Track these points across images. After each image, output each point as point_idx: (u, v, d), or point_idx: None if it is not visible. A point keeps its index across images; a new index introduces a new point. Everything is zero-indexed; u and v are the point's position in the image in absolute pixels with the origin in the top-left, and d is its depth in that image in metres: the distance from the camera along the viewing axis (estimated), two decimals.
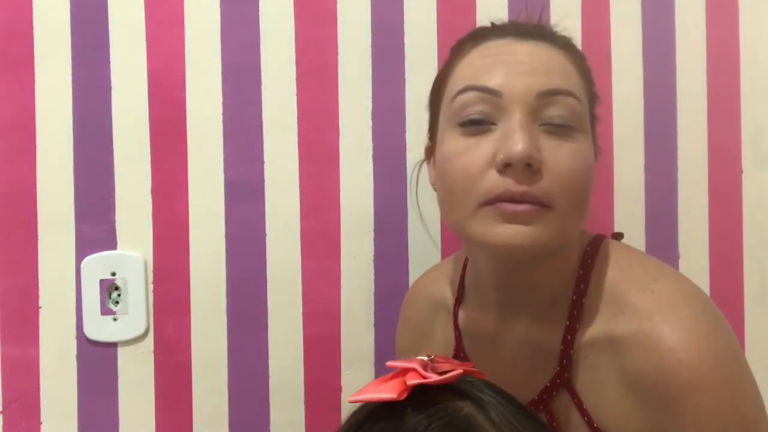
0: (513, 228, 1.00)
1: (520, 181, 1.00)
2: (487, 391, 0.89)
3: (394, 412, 0.87)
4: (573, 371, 1.09)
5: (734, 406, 1.02)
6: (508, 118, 1.02)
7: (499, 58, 1.06)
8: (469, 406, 0.88)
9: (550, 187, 1.00)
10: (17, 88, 1.44)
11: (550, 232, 1.00)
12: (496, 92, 1.03)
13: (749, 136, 1.52)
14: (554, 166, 1.00)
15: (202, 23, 1.46)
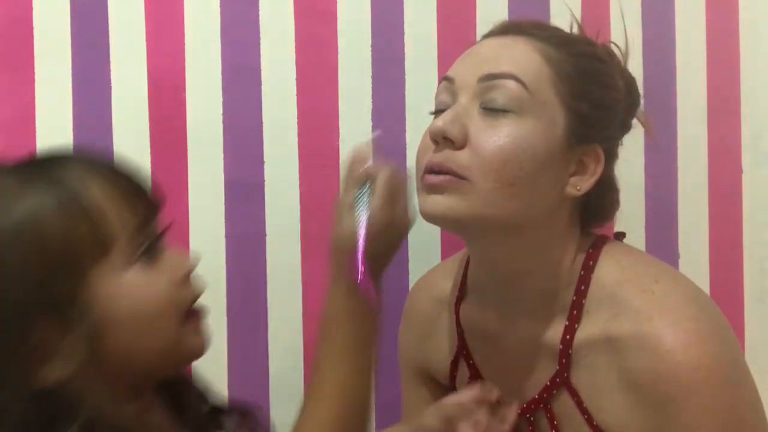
0: (431, 198, 1.06)
1: (438, 152, 1.07)
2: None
3: None
4: (572, 370, 1.10)
5: (733, 408, 1.02)
6: (457, 101, 1.09)
7: (467, 53, 1.14)
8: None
9: (467, 161, 1.05)
10: (17, 88, 1.44)
11: (467, 203, 1.05)
12: (450, 79, 1.12)
13: (749, 136, 1.52)
14: (479, 143, 1.05)
15: (202, 23, 1.46)
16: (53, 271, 0.80)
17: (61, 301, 0.80)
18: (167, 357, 0.87)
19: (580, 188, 1.10)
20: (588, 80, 1.10)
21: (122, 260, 0.84)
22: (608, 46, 1.18)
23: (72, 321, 0.80)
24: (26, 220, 0.81)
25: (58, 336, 0.80)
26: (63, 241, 0.81)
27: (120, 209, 0.84)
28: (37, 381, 0.79)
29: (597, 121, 1.10)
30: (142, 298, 0.84)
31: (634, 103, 1.19)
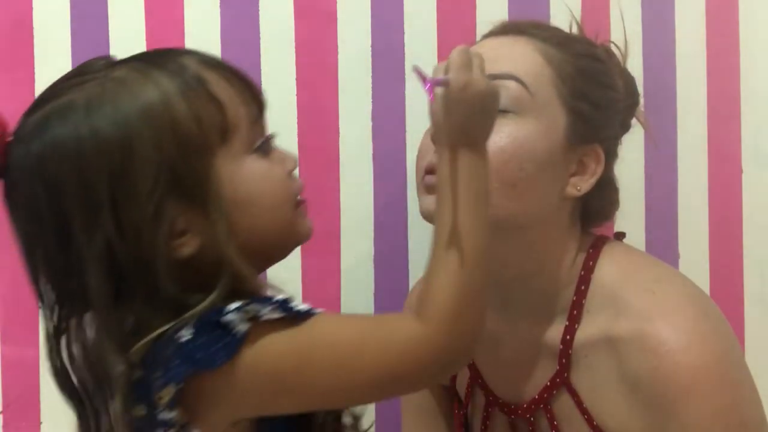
0: (431, 197, 1.05)
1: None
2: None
3: None
4: (573, 371, 1.10)
5: (733, 409, 1.02)
6: None
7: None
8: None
9: None
10: (17, 88, 1.44)
11: None
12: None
13: (749, 136, 1.52)
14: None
15: (202, 23, 1.46)
16: (184, 152, 0.84)
17: (192, 181, 0.85)
18: (283, 238, 0.93)
19: (581, 188, 1.10)
20: (588, 80, 1.10)
21: (242, 148, 0.88)
22: (608, 46, 1.18)
23: (203, 201, 0.85)
24: (155, 103, 0.85)
25: (189, 215, 0.85)
26: (192, 124, 0.85)
27: (237, 101, 0.89)
28: (175, 255, 0.85)
29: (597, 121, 1.10)
30: (262, 181, 0.89)
31: (634, 102, 1.19)
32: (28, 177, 0.86)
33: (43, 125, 0.86)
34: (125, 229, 0.83)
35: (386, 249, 1.48)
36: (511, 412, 1.16)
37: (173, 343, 0.82)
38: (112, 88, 0.86)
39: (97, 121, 0.84)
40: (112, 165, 0.83)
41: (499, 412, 1.18)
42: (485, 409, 1.19)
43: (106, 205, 0.83)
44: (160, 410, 0.82)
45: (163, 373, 0.82)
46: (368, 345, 0.85)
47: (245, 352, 0.82)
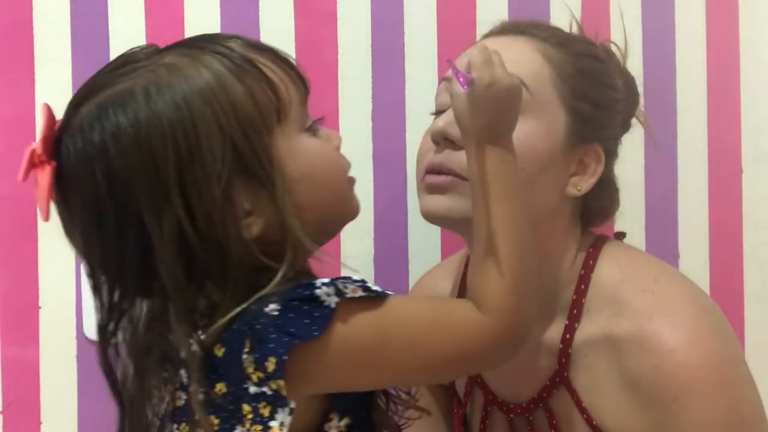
0: (432, 197, 1.07)
1: (439, 152, 1.07)
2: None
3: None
4: (572, 370, 1.10)
5: (733, 408, 1.02)
6: None
7: (467, 53, 1.11)
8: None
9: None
10: (17, 88, 1.44)
11: (467, 202, 1.03)
12: (450, 80, 1.07)
13: (749, 136, 1.52)
14: None
15: (202, 23, 1.46)
16: (245, 132, 0.86)
17: (255, 160, 0.86)
18: (339, 213, 0.95)
19: (581, 188, 1.10)
20: (588, 80, 1.10)
21: (296, 127, 0.90)
22: (607, 46, 1.18)
23: (266, 180, 0.87)
24: (212, 85, 0.86)
25: (254, 195, 0.87)
26: (249, 103, 0.87)
27: (287, 82, 0.91)
28: (243, 236, 0.86)
29: (597, 120, 1.10)
30: (318, 158, 0.91)
31: (634, 102, 1.19)
32: (87, 167, 0.86)
33: (101, 115, 0.86)
34: (196, 211, 0.85)
35: (386, 249, 1.48)
36: (510, 411, 1.16)
37: (264, 318, 0.83)
38: (165, 73, 0.87)
39: (158, 106, 0.85)
40: (179, 148, 0.84)
41: (497, 411, 1.18)
42: (484, 408, 1.19)
43: (174, 188, 0.84)
44: (250, 385, 0.83)
45: (258, 347, 0.83)
46: (440, 326, 0.89)
47: (335, 325, 0.84)
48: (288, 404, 0.83)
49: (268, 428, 0.84)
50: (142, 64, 0.89)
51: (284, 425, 0.83)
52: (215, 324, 0.84)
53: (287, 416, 0.84)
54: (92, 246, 0.89)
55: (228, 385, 0.85)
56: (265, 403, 0.84)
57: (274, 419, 0.83)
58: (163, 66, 0.88)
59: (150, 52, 0.91)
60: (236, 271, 0.85)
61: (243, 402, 0.84)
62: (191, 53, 0.89)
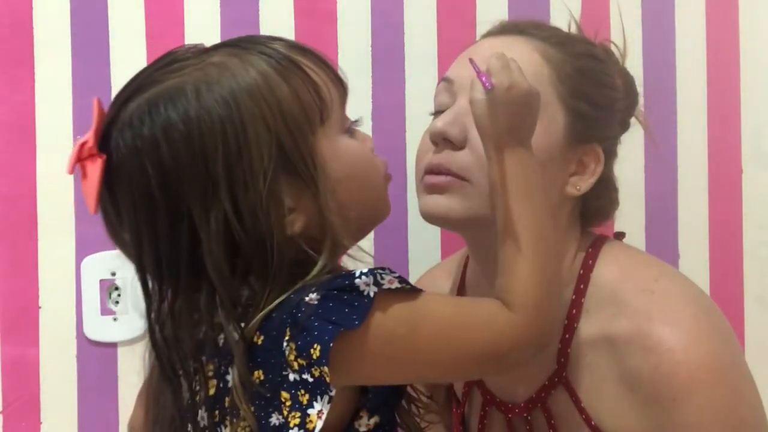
0: (432, 198, 1.07)
1: (438, 153, 1.07)
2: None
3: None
4: (571, 370, 1.10)
5: (733, 408, 1.02)
6: (456, 102, 1.09)
7: (466, 52, 1.14)
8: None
9: (468, 162, 1.05)
10: (17, 88, 1.44)
11: (467, 203, 1.05)
12: (449, 80, 1.12)
13: (749, 136, 1.52)
14: (477, 143, 1.03)
15: (202, 23, 1.46)
16: (290, 130, 0.89)
17: (300, 158, 0.89)
18: (376, 212, 0.98)
19: (580, 188, 1.10)
20: (587, 80, 1.10)
21: (337, 128, 0.93)
22: (606, 46, 1.18)
23: (310, 178, 0.89)
24: (260, 84, 0.89)
25: (297, 193, 0.89)
26: (294, 103, 0.89)
27: (329, 83, 0.93)
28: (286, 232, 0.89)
29: (596, 120, 1.10)
30: (357, 158, 0.94)
31: (633, 101, 1.19)
32: (138, 161, 0.88)
33: (152, 110, 0.88)
34: (241, 207, 0.87)
35: (386, 249, 1.48)
36: (509, 411, 1.16)
37: (305, 306, 0.85)
38: (214, 72, 0.89)
39: (207, 102, 0.88)
40: (227, 144, 0.87)
41: (496, 411, 1.17)
42: (482, 408, 1.19)
43: (222, 183, 0.86)
44: (290, 372, 0.85)
45: (300, 335, 0.84)
46: (470, 323, 0.91)
47: (374, 315, 0.86)
48: (328, 392, 0.85)
49: (306, 415, 0.85)
50: (190, 63, 0.91)
51: (322, 413, 0.85)
52: (257, 314, 0.87)
53: (326, 404, 0.85)
54: (142, 241, 0.91)
55: (266, 373, 0.86)
56: (304, 390, 0.85)
57: (312, 407, 0.85)
58: (211, 64, 0.90)
59: (197, 51, 0.93)
60: (277, 264, 0.88)
61: (281, 389, 0.86)
62: (238, 53, 0.92)
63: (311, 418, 0.85)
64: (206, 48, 0.94)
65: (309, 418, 0.85)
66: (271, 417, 0.87)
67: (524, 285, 0.92)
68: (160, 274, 0.91)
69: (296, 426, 0.85)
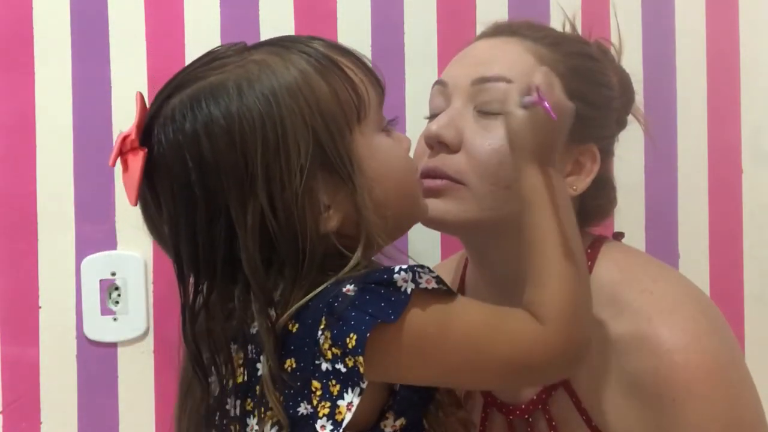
0: (429, 202, 1.06)
1: (433, 156, 1.08)
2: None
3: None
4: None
5: (732, 409, 1.02)
6: (451, 105, 1.09)
7: (460, 55, 1.15)
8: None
9: (463, 165, 1.06)
10: (17, 88, 1.44)
11: (462, 207, 1.06)
12: (443, 83, 1.13)
13: (749, 136, 1.52)
14: (473, 146, 1.05)
15: (202, 23, 1.46)
16: (329, 128, 0.90)
17: (338, 156, 0.90)
18: (411, 212, 0.98)
19: (577, 187, 1.10)
20: (581, 79, 1.10)
21: (374, 126, 0.94)
22: (602, 44, 1.18)
23: (347, 176, 0.90)
24: (300, 82, 0.90)
25: (334, 190, 0.90)
26: (332, 101, 0.91)
27: (366, 83, 0.94)
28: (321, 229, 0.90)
29: (592, 120, 1.10)
30: (393, 157, 0.95)
31: (629, 100, 1.18)
32: (179, 155, 0.90)
33: (194, 105, 0.90)
34: (277, 203, 0.88)
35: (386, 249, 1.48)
36: (510, 413, 1.16)
37: (342, 297, 0.85)
38: (255, 69, 0.91)
39: (249, 99, 0.89)
40: (267, 140, 0.88)
41: (497, 412, 1.17)
42: (483, 410, 1.19)
43: (260, 179, 0.88)
44: (323, 361, 0.85)
45: (336, 324, 0.85)
46: (500, 332, 0.90)
47: (410, 312, 0.86)
48: (360, 383, 0.85)
49: (336, 406, 0.85)
50: (231, 60, 0.93)
51: (352, 405, 0.85)
52: (289, 306, 0.87)
53: (356, 397, 0.85)
54: (180, 234, 0.91)
55: (298, 361, 0.87)
56: (336, 381, 0.85)
57: (342, 398, 0.85)
58: (252, 62, 0.92)
59: (238, 49, 0.95)
60: (309, 260, 0.88)
61: (313, 378, 0.86)
62: (279, 51, 0.93)
63: (341, 409, 0.85)
64: (248, 46, 0.95)
65: (339, 409, 0.85)
66: (300, 406, 0.87)
67: (556, 298, 0.92)
68: (197, 266, 0.92)
69: (325, 416, 0.85)
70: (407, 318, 0.86)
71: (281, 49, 0.94)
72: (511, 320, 0.92)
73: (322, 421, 0.85)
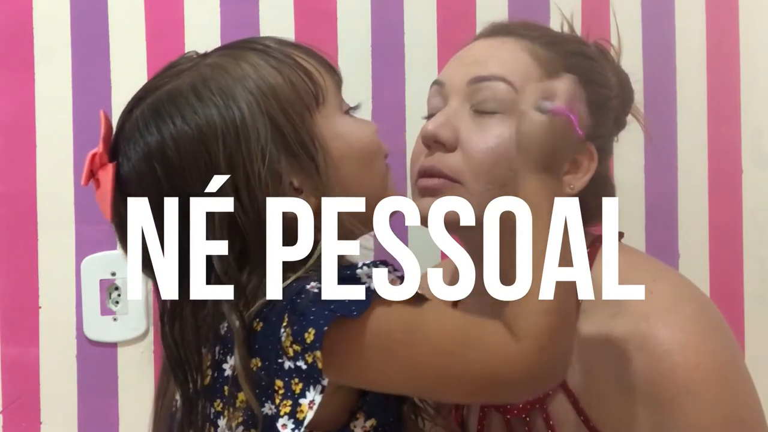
0: (425, 201, 1.07)
1: (430, 155, 1.08)
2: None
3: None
4: (570, 370, 1.09)
5: (732, 409, 1.02)
6: (447, 104, 1.10)
7: (457, 56, 1.15)
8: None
9: (459, 164, 1.06)
10: (17, 88, 1.44)
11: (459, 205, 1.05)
12: (440, 83, 1.13)
13: (749, 136, 1.52)
14: (469, 145, 1.06)
15: (202, 23, 1.46)
16: (286, 113, 0.92)
17: (299, 140, 0.92)
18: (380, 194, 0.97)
19: (574, 186, 1.10)
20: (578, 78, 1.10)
21: (335, 109, 0.96)
22: (600, 44, 1.18)
23: (311, 158, 0.92)
24: (253, 75, 0.93)
25: (302, 174, 0.91)
26: (287, 89, 0.93)
27: (321, 69, 0.96)
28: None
29: (589, 119, 1.10)
30: (358, 135, 0.97)
31: (628, 99, 1.18)
32: (147, 164, 0.92)
33: (155, 114, 0.92)
34: (242, 192, 0.89)
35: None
36: (507, 413, 1.15)
37: (305, 294, 0.85)
38: (208, 71, 0.93)
39: (204, 97, 0.91)
40: (226, 133, 0.90)
41: (495, 412, 1.17)
42: (481, 409, 1.19)
43: (224, 171, 0.89)
44: (285, 359, 0.85)
45: (297, 321, 0.84)
46: (472, 344, 0.88)
47: (374, 310, 0.85)
48: (321, 381, 0.84)
49: (297, 404, 0.85)
50: (186, 66, 0.95)
51: (314, 404, 0.84)
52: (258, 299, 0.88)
53: (318, 395, 0.84)
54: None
55: (263, 360, 0.87)
56: (298, 379, 0.85)
57: (304, 396, 0.85)
58: (205, 65, 0.94)
59: (193, 56, 0.97)
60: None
61: (276, 377, 0.86)
62: (231, 52, 0.96)
63: (302, 407, 0.84)
64: (203, 53, 0.97)
65: (300, 407, 0.84)
66: (264, 406, 0.86)
67: (535, 313, 0.88)
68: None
69: (286, 414, 0.85)
70: (372, 316, 0.85)
71: (233, 50, 0.97)
72: (484, 333, 0.89)
73: (284, 420, 0.85)
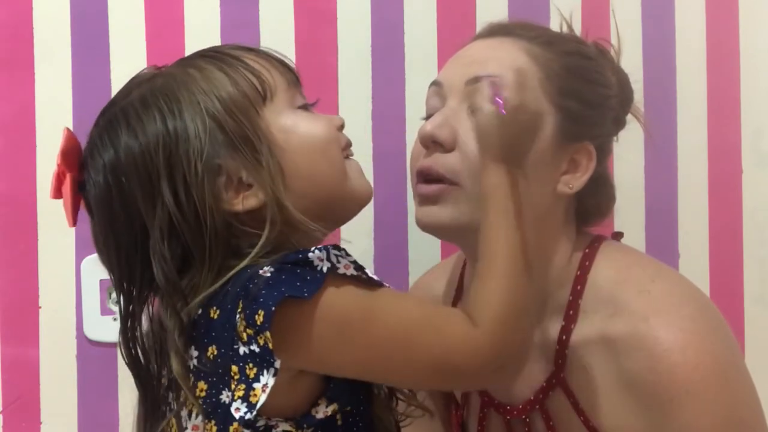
0: (425, 209, 1.09)
1: (429, 156, 1.09)
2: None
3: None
4: (569, 371, 1.10)
5: (731, 409, 1.02)
6: (446, 105, 1.10)
7: (455, 56, 1.15)
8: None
9: (457, 164, 1.06)
10: (17, 88, 1.44)
11: (458, 210, 1.06)
12: (438, 83, 1.14)
13: (749, 136, 1.52)
14: (467, 145, 1.05)
15: (202, 23, 1.46)
16: (229, 111, 0.93)
17: (241, 134, 0.93)
18: (338, 189, 0.98)
19: (573, 186, 1.10)
20: (576, 78, 1.10)
21: (285, 105, 0.98)
22: (600, 44, 1.18)
23: (255, 154, 0.93)
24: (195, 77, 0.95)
25: (250, 167, 0.93)
26: (230, 87, 0.95)
27: (271, 69, 0.98)
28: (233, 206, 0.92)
29: (587, 118, 1.10)
30: (306, 129, 0.97)
31: (627, 99, 1.18)
32: (104, 177, 0.95)
33: (108, 128, 0.96)
34: (179, 190, 0.91)
35: (386, 249, 1.48)
36: (507, 413, 1.16)
37: (258, 278, 0.86)
38: (159, 81, 0.97)
39: (150, 104, 0.94)
40: (166, 138, 0.92)
41: (494, 412, 1.18)
42: (481, 410, 1.19)
43: (163, 171, 0.91)
44: (240, 345, 0.86)
45: (250, 305, 0.85)
46: (429, 330, 0.89)
47: (326, 291, 0.87)
48: (273, 363, 0.84)
49: (251, 388, 0.85)
50: (145, 78, 0.99)
51: (267, 387, 0.85)
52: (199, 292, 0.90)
53: (271, 378, 0.85)
54: (109, 245, 0.96)
55: (219, 347, 0.88)
56: (252, 363, 0.86)
57: (258, 380, 0.85)
58: (159, 76, 0.98)
59: (150, 71, 1.00)
60: (215, 243, 0.91)
61: (232, 363, 0.87)
62: (183, 61, 1.00)
63: (256, 391, 0.85)
64: (159, 66, 1.01)
65: (254, 391, 0.85)
66: (222, 394, 0.88)
67: (491, 302, 0.90)
68: (122, 273, 0.96)
69: (240, 398, 0.86)
70: (324, 298, 0.86)
71: (186, 59, 1.00)
72: (442, 319, 0.90)
73: (237, 404, 0.86)
